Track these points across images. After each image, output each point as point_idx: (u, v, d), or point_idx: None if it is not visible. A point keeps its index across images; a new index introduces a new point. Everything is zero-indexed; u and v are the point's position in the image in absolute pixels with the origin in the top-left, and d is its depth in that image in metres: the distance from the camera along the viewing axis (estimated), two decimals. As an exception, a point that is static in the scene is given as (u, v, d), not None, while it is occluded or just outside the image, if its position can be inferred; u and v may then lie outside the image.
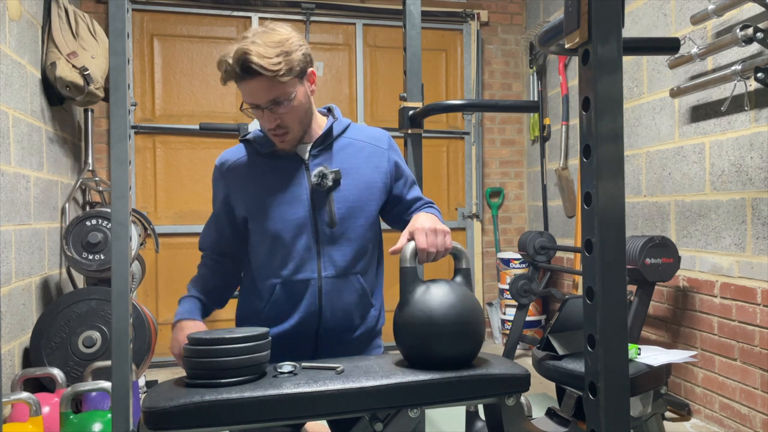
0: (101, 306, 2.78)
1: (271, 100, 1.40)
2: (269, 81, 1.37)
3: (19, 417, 2.29)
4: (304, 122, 1.48)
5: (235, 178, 1.55)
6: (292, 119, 1.44)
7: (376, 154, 1.56)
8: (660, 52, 1.99)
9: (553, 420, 1.89)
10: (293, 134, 1.47)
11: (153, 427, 1.14)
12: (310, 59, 1.46)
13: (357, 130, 1.59)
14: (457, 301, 1.27)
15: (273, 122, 1.43)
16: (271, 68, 1.35)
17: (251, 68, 1.35)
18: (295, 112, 1.44)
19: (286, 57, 1.37)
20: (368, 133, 1.59)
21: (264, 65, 1.34)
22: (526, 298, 3.85)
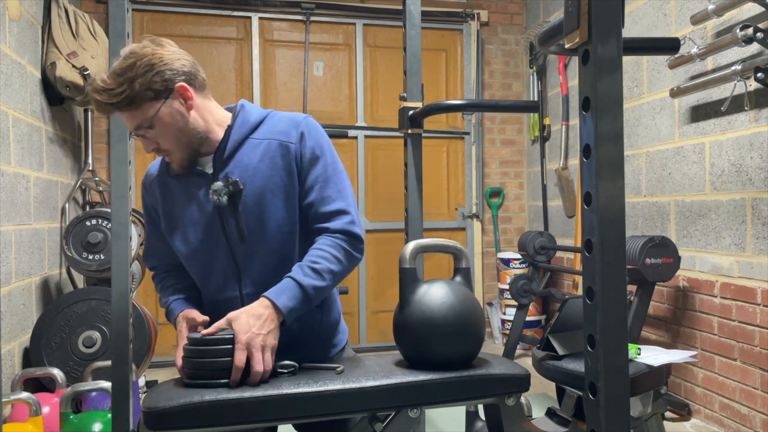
0: (101, 306, 2.78)
1: (134, 128, 1.36)
2: (120, 111, 1.33)
3: (19, 417, 2.29)
4: (183, 141, 1.39)
5: (156, 199, 1.52)
6: (166, 141, 1.37)
7: (279, 153, 1.41)
8: (660, 52, 1.99)
9: (553, 420, 1.89)
10: (176, 155, 1.40)
11: (153, 427, 1.14)
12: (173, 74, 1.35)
13: (271, 124, 1.45)
14: (456, 301, 1.27)
15: (149, 147, 1.39)
16: (111, 101, 1.30)
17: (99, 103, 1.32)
18: (165, 134, 1.36)
19: (130, 84, 1.30)
20: (277, 128, 1.44)
21: (103, 100, 1.31)
22: (526, 298, 3.85)
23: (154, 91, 1.32)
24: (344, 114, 4.44)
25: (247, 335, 1.23)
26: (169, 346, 4.09)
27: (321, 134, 1.46)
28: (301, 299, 1.32)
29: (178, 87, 1.36)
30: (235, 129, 1.43)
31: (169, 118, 1.36)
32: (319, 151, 1.43)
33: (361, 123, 4.44)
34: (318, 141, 1.44)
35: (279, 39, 4.34)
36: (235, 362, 1.20)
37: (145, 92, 1.31)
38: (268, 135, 1.43)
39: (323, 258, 1.36)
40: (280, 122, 1.45)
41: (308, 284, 1.33)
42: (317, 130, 1.46)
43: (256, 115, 1.46)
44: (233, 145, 1.42)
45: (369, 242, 4.41)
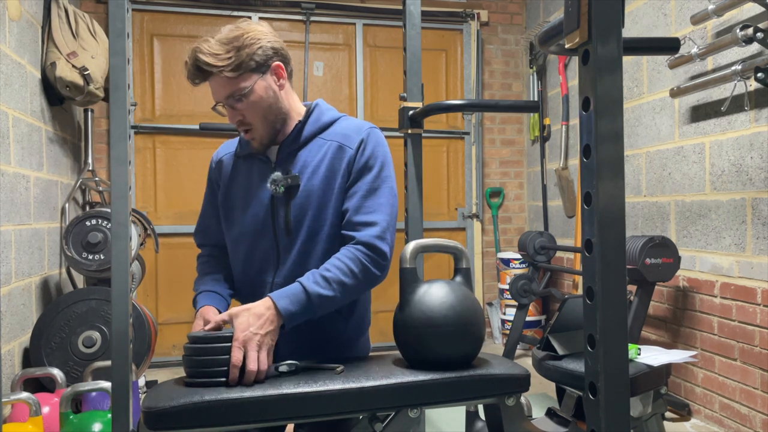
0: (101, 306, 2.78)
1: (226, 96, 1.40)
2: (221, 77, 1.38)
3: (19, 417, 2.29)
4: (268, 118, 1.44)
5: (220, 176, 1.59)
6: (253, 116, 1.42)
7: (339, 156, 1.44)
8: (660, 52, 1.99)
9: (553, 420, 1.89)
10: (258, 132, 1.45)
11: (153, 427, 1.14)
12: (273, 53, 1.42)
13: (341, 126, 1.49)
14: (457, 301, 1.27)
15: (234, 119, 1.44)
16: (218, 64, 1.36)
17: (200, 66, 1.37)
18: (255, 108, 1.42)
19: (237, 52, 1.37)
20: (343, 131, 1.47)
21: (210, 62, 1.36)
22: (526, 298, 3.85)
23: (257, 63, 1.39)
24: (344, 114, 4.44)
25: (245, 334, 1.24)
26: (169, 346, 4.09)
27: (381, 147, 1.48)
28: (304, 305, 1.32)
29: (276, 66, 1.43)
30: (308, 126, 1.49)
31: (263, 92, 1.42)
32: (373, 161, 1.44)
33: (361, 123, 4.44)
34: (375, 152, 1.45)
35: (279, 39, 4.34)
36: (232, 360, 1.21)
37: (249, 62, 1.38)
38: (333, 137, 1.47)
39: (337, 268, 1.36)
40: (347, 127, 1.49)
41: (314, 292, 1.32)
42: (379, 142, 1.48)
43: (329, 116, 1.51)
44: (301, 141, 1.48)
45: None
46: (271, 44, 1.42)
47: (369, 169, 1.44)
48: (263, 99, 1.42)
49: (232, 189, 1.54)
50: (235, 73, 1.37)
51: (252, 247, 1.49)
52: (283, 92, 1.46)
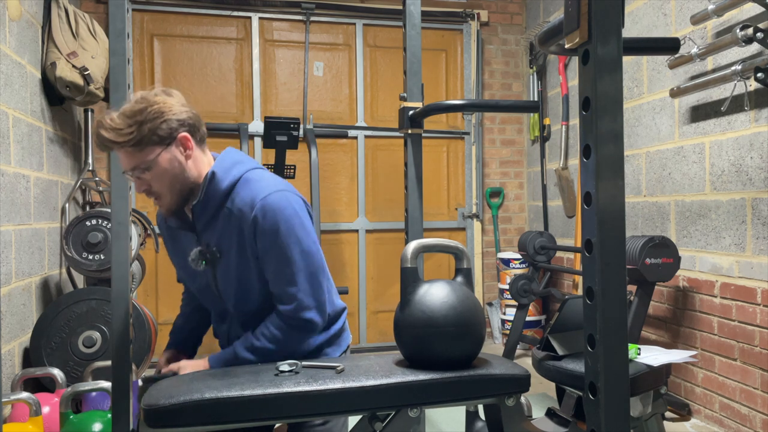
0: (101, 306, 2.78)
1: (131, 168, 1.42)
2: (124, 151, 1.39)
3: (19, 417, 2.29)
4: (175, 188, 1.45)
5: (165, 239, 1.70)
6: (159, 186, 1.44)
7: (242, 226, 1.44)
8: (660, 52, 1.99)
9: (553, 420, 1.89)
10: (166, 200, 1.47)
11: (153, 425, 1.14)
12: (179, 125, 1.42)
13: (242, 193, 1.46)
14: (457, 301, 1.27)
15: (140, 188, 1.46)
16: (118, 140, 1.37)
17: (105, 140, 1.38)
18: (160, 179, 1.43)
19: (138, 127, 1.37)
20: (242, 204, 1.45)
21: (110, 138, 1.37)
22: (526, 298, 3.85)
23: (159, 136, 1.40)
24: (344, 114, 4.44)
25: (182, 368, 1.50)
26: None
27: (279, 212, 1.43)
28: None
29: (181, 137, 1.43)
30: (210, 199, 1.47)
31: (167, 164, 1.42)
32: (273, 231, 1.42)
33: (361, 123, 4.44)
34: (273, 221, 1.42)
35: (279, 39, 4.34)
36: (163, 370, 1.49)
37: (151, 136, 1.38)
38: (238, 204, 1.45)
39: (265, 336, 1.46)
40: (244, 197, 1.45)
41: (243, 358, 1.47)
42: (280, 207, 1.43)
43: (229, 181, 1.47)
44: (210, 212, 1.49)
45: (369, 242, 4.41)
46: (176, 116, 1.41)
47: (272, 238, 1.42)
48: (168, 170, 1.42)
49: (173, 254, 1.66)
50: (137, 148, 1.38)
51: (205, 300, 1.65)
52: (190, 161, 1.46)
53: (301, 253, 1.44)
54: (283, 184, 1.50)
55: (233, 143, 4.18)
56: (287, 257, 1.43)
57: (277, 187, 1.46)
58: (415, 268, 1.33)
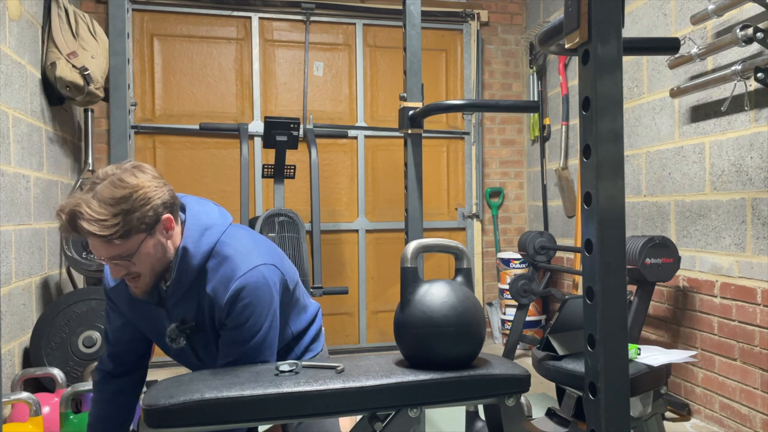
0: (101, 306, 2.78)
1: (110, 257, 1.30)
2: (104, 242, 1.27)
3: (19, 417, 2.29)
4: (156, 269, 1.36)
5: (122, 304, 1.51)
6: (140, 269, 1.34)
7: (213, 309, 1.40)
8: (660, 52, 1.99)
9: (553, 420, 1.89)
10: (144, 281, 1.36)
11: (153, 425, 1.14)
12: (164, 208, 1.33)
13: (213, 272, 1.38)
14: (458, 301, 1.27)
15: (119, 273, 1.34)
16: (103, 234, 1.24)
17: (79, 229, 1.24)
18: (141, 263, 1.33)
19: (125, 217, 1.25)
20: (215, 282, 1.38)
21: (94, 231, 1.23)
22: (526, 298, 3.85)
23: (146, 224, 1.29)
24: (344, 114, 4.44)
25: None
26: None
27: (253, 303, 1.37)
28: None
29: (165, 219, 1.33)
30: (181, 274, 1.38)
31: (152, 249, 1.33)
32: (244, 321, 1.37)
33: (361, 123, 4.44)
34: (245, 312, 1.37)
35: (279, 39, 4.34)
36: None
37: (139, 225, 1.27)
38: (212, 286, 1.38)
39: None
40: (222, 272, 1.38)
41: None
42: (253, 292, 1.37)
43: (198, 259, 1.38)
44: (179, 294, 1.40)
45: (369, 242, 4.41)
46: (161, 199, 1.32)
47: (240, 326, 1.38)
48: (151, 255, 1.33)
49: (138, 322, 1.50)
50: (122, 240, 1.27)
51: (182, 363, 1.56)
52: (170, 241, 1.38)
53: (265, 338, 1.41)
54: (256, 255, 1.41)
55: (233, 143, 4.18)
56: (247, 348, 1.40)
57: (251, 262, 1.38)
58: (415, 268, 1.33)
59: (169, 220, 1.35)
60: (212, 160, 4.19)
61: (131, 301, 1.47)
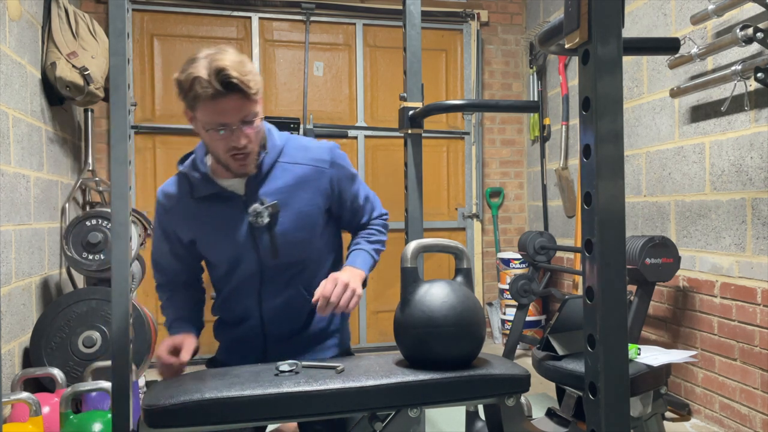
0: (101, 306, 2.78)
1: (241, 118, 1.38)
2: (244, 98, 1.37)
3: (19, 417, 2.29)
4: (260, 143, 1.49)
5: (178, 217, 1.57)
6: (255, 139, 1.44)
7: (314, 177, 1.53)
8: (660, 52, 1.99)
9: (553, 420, 1.89)
10: (253, 155, 1.46)
11: (153, 425, 1.14)
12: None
13: (297, 149, 1.55)
14: (458, 301, 1.27)
15: (243, 141, 1.40)
16: (249, 84, 1.36)
17: (232, 83, 1.33)
18: (257, 132, 1.45)
19: (254, 76, 1.39)
20: (310, 153, 1.55)
21: (244, 81, 1.34)
22: (526, 298, 3.85)
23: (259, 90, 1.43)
24: (344, 114, 4.44)
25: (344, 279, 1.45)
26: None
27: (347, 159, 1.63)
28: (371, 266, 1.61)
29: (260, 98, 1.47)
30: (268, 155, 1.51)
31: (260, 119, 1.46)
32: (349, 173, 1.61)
33: (361, 123, 4.44)
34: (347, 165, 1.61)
35: (279, 39, 4.34)
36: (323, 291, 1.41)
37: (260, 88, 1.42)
38: (301, 159, 1.54)
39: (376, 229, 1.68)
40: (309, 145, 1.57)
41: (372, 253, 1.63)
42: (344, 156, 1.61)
43: (279, 138, 1.55)
44: (266, 168, 1.51)
45: (369, 242, 4.41)
46: None
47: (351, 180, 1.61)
48: (260, 126, 1.46)
49: (200, 232, 1.55)
50: (257, 97, 1.40)
51: (237, 277, 1.56)
52: None
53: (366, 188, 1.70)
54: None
55: (233, 143, 4.18)
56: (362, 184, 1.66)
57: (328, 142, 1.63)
58: (415, 267, 1.33)
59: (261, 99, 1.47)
60: (212, 160, 4.18)
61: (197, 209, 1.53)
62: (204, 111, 1.38)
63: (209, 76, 1.34)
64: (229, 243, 1.51)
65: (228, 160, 1.45)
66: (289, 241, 1.50)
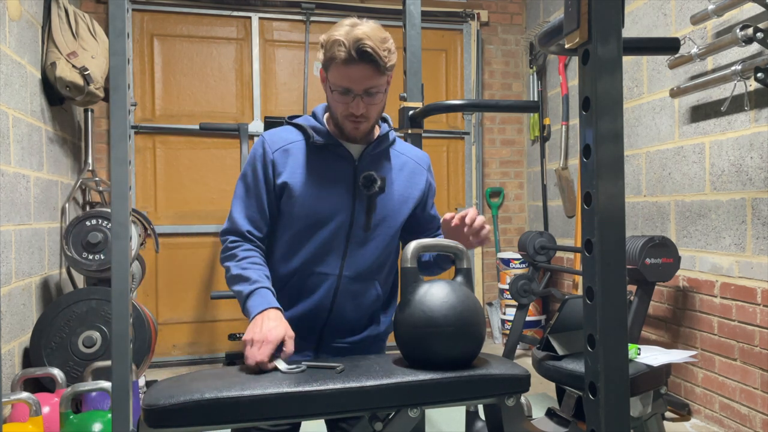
0: (101, 306, 2.78)
1: (367, 87, 1.44)
2: (374, 70, 1.42)
3: (19, 417, 2.29)
4: (378, 117, 1.54)
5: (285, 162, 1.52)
6: (375, 110, 1.50)
7: (417, 173, 1.63)
8: (660, 52, 1.99)
9: (553, 420, 1.89)
10: (368, 124, 1.51)
11: (153, 425, 1.14)
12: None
13: (403, 145, 1.67)
14: (457, 301, 1.27)
15: (361, 109, 1.46)
16: (383, 58, 1.42)
17: (367, 53, 1.40)
18: (380, 104, 1.50)
19: (390, 54, 1.45)
20: (413, 152, 1.67)
21: (379, 53, 1.41)
22: (526, 298, 3.85)
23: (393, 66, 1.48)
24: (344, 114, 4.44)
25: None
26: (169, 346, 4.09)
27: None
28: None
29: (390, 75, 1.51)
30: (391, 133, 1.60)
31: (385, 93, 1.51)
32: (435, 185, 1.72)
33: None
34: (433, 172, 1.71)
35: (279, 39, 4.34)
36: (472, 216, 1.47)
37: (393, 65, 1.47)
38: (408, 153, 1.65)
39: None
40: (410, 147, 1.70)
41: None
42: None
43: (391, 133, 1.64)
44: (382, 148, 1.57)
45: (369, 242, 4.41)
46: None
47: (434, 186, 1.71)
48: (383, 99, 1.50)
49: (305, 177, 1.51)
50: (387, 72, 1.45)
51: (323, 236, 1.49)
52: None
53: None
54: None
55: (233, 143, 4.18)
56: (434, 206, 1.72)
57: None
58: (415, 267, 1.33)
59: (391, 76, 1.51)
60: (212, 160, 4.18)
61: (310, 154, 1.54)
62: (335, 73, 1.45)
63: (347, 42, 1.41)
64: (330, 195, 1.50)
65: (344, 122, 1.50)
66: (382, 217, 1.54)
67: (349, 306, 1.54)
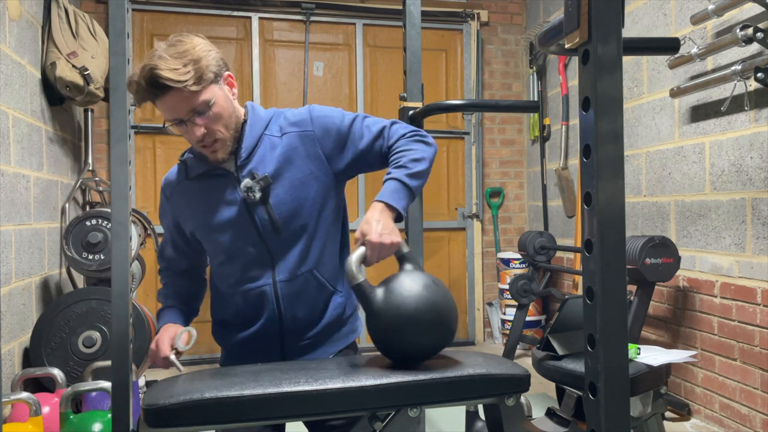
0: (101, 306, 2.78)
1: (189, 111, 1.37)
2: (182, 93, 1.34)
3: (19, 417, 2.29)
4: (230, 127, 1.44)
5: (178, 203, 1.56)
6: (217, 126, 1.41)
7: (302, 143, 1.49)
8: (660, 52, 2.00)
9: (553, 420, 1.89)
10: (222, 140, 1.43)
11: (153, 425, 1.14)
12: (223, 63, 1.45)
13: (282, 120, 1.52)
14: (416, 288, 1.26)
15: (199, 132, 1.39)
16: (180, 79, 1.32)
17: (160, 83, 1.32)
18: (218, 119, 1.41)
19: (194, 65, 1.34)
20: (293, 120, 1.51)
21: (172, 77, 1.32)
22: (526, 298, 3.85)
23: (213, 73, 1.39)
24: (344, 114, 4.44)
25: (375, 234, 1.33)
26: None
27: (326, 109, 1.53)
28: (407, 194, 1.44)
29: (227, 75, 1.45)
30: (251, 127, 1.49)
31: (224, 102, 1.42)
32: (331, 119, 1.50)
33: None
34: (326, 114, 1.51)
35: (279, 39, 4.34)
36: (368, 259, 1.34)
37: (207, 73, 1.37)
38: (286, 129, 1.50)
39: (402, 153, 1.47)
40: (291, 114, 1.52)
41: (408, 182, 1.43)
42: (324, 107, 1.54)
43: (264, 113, 1.53)
44: (252, 142, 1.48)
45: (369, 242, 4.42)
46: (219, 54, 1.43)
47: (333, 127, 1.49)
48: (225, 109, 1.42)
49: (198, 214, 1.52)
50: (198, 87, 1.35)
51: (241, 258, 1.50)
52: (235, 102, 1.49)
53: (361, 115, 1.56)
54: None
55: (233, 143, 4.18)
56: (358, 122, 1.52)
57: None
58: (365, 281, 1.30)
59: (231, 77, 1.46)
60: (212, 160, 4.18)
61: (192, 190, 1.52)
62: (159, 108, 1.41)
63: (143, 79, 1.34)
64: (226, 222, 1.48)
65: (201, 150, 1.45)
66: (288, 212, 1.46)
67: (297, 306, 1.52)
